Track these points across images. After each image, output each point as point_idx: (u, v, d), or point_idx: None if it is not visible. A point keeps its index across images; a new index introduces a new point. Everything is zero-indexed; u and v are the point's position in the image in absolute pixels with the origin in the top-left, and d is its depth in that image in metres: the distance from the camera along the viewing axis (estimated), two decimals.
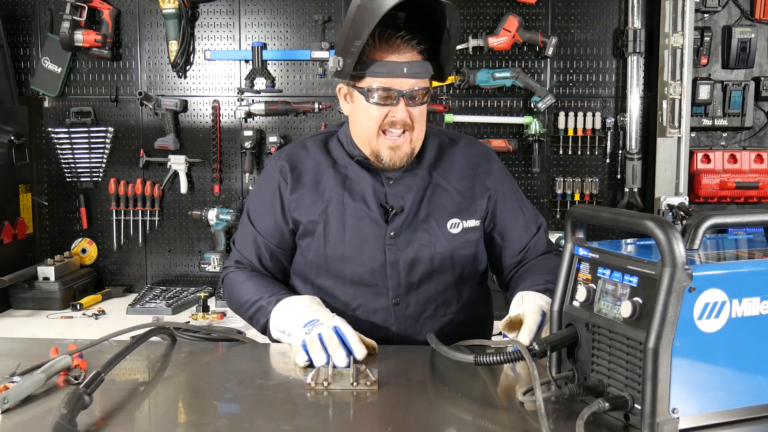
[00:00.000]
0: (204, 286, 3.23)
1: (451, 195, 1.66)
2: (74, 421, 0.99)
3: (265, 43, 3.18)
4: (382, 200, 1.63)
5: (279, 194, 1.67)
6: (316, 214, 1.64)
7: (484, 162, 1.73)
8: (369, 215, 1.62)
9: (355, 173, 1.66)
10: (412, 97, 1.55)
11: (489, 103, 3.20)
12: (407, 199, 1.63)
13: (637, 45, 3.08)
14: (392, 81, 1.54)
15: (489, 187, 1.70)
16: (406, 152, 1.60)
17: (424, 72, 1.57)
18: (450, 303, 1.66)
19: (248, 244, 1.71)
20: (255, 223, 1.71)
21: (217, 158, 3.22)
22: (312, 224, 1.64)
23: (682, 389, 0.95)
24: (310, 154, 1.70)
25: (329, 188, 1.65)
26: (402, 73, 1.53)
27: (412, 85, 1.55)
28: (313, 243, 1.65)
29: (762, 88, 3.15)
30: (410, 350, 1.46)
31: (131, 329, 1.40)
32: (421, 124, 1.60)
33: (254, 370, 1.33)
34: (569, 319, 1.10)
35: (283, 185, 1.67)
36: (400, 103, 1.55)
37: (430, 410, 1.14)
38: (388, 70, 1.53)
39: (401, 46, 1.53)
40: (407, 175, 1.65)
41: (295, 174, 1.67)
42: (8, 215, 3.01)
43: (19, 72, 3.24)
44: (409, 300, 1.63)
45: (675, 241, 0.92)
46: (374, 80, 1.54)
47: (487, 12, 3.16)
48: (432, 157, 1.69)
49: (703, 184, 3.09)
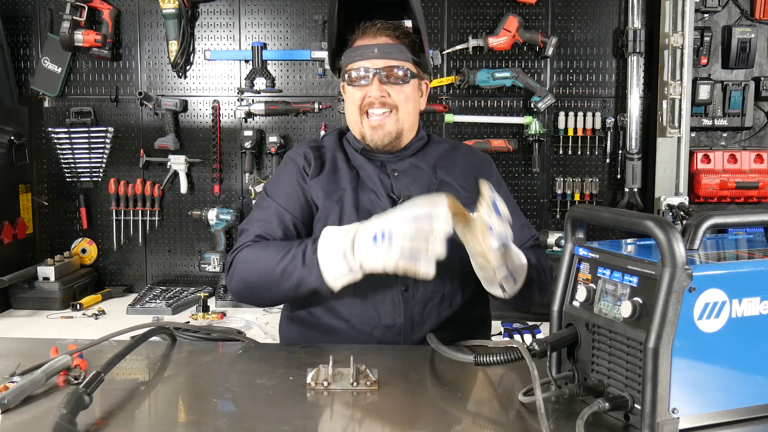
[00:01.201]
0: (204, 286, 3.23)
1: (456, 190, 1.68)
2: (74, 421, 0.99)
3: (265, 43, 3.18)
4: (389, 191, 1.68)
5: (303, 174, 1.70)
6: (333, 201, 1.66)
7: (486, 164, 1.81)
8: (380, 205, 1.65)
9: (364, 166, 1.72)
10: (387, 76, 1.65)
11: (489, 103, 3.20)
12: (414, 190, 1.67)
13: (637, 45, 3.08)
14: (365, 62, 1.66)
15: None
16: (388, 131, 1.67)
17: (397, 53, 1.66)
18: (454, 295, 1.66)
19: (272, 219, 1.65)
20: (278, 199, 1.68)
21: (217, 158, 3.22)
22: (327, 209, 1.66)
23: (682, 389, 0.95)
24: (328, 150, 1.77)
25: (344, 178, 1.70)
26: (373, 53, 1.65)
27: (385, 63, 1.65)
28: None
29: (762, 88, 3.15)
30: (410, 350, 1.46)
31: (131, 329, 1.40)
32: (406, 104, 1.68)
33: (254, 370, 1.33)
34: (569, 319, 1.10)
35: (307, 167, 1.71)
36: (374, 82, 1.65)
37: (430, 410, 1.14)
38: (360, 52, 1.66)
39: (377, 33, 1.67)
40: (412, 169, 1.71)
41: (318, 162, 1.73)
42: (8, 215, 3.00)
43: (19, 72, 3.24)
44: (417, 288, 1.63)
45: (675, 241, 0.92)
46: (350, 64, 1.68)
47: (487, 12, 3.16)
48: (436, 157, 1.76)
49: (703, 184, 3.09)
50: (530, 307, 1.73)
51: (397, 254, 1.32)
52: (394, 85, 1.66)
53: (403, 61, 1.67)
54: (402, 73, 1.66)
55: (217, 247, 3.18)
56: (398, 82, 1.66)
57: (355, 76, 1.66)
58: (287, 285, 1.49)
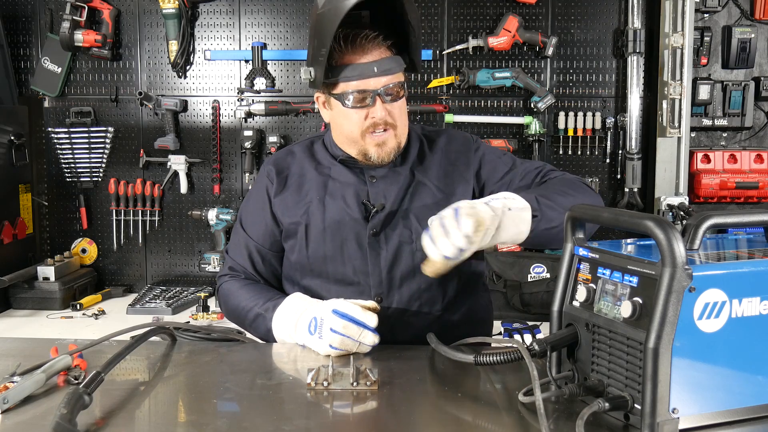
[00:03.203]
0: (204, 286, 3.23)
1: (432, 191, 1.67)
2: (74, 421, 0.99)
3: (265, 43, 3.18)
4: (364, 198, 1.65)
5: (267, 197, 1.71)
6: (298, 216, 1.67)
7: (462, 155, 1.72)
8: (349, 214, 1.64)
9: (338, 173, 1.68)
10: (388, 94, 1.58)
11: (489, 103, 3.20)
12: (389, 196, 1.65)
13: (637, 45, 3.08)
14: (365, 82, 1.56)
15: (468, 179, 1.68)
16: (393, 147, 1.62)
17: (396, 67, 1.60)
18: (434, 301, 1.66)
19: (240, 250, 1.73)
20: (246, 228, 1.74)
21: (217, 158, 3.22)
22: (294, 225, 1.67)
23: (682, 389, 0.95)
24: (296, 159, 1.74)
25: (311, 190, 1.68)
26: (373, 72, 1.55)
27: (386, 82, 1.57)
28: (296, 244, 1.67)
29: (762, 88, 3.15)
30: (410, 350, 1.46)
31: (131, 329, 1.40)
32: (402, 119, 1.63)
33: (254, 370, 1.33)
34: (569, 319, 1.10)
35: (270, 188, 1.71)
36: (377, 103, 1.57)
37: (430, 410, 1.14)
38: (359, 73, 1.55)
39: (368, 46, 1.56)
40: (391, 174, 1.67)
41: (281, 177, 1.71)
42: (8, 215, 3.01)
43: (19, 72, 3.24)
44: (392, 298, 1.63)
45: (675, 241, 0.92)
46: (347, 85, 1.57)
47: (487, 12, 3.16)
48: (414, 156, 1.71)
49: (703, 184, 3.09)
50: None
51: (326, 348, 1.38)
52: (393, 102, 1.59)
53: (399, 74, 1.60)
54: (399, 89, 1.60)
55: (217, 247, 3.18)
56: (397, 99, 1.60)
57: (356, 99, 1.57)
58: (257, 335, 1.62)
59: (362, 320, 1.37)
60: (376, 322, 1.38)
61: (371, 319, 1.38)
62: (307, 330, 1.41)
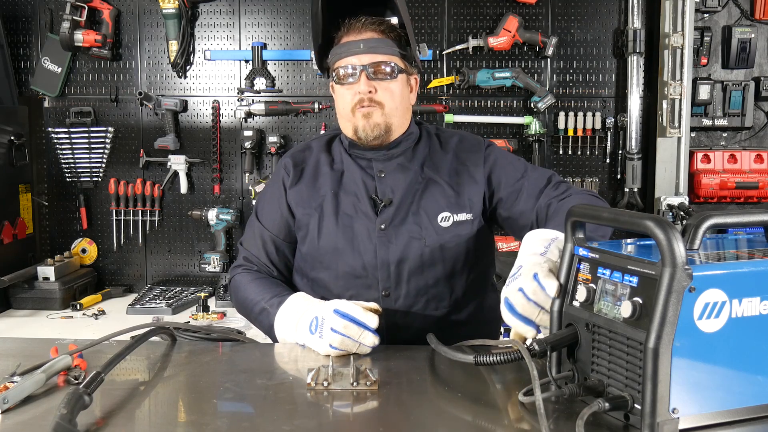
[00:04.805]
0: (204, 286, 3.23)
1: (443, 188, 1.68)
2: (74, 421, 0.99)
3: (265, 43, 3.18)
4: (372, 193, 1.67)
5: (283, 188, 1.74)
6: (312, 208, 1.69)
7: (473, 155, 1.73)
8: (360, 208, 1.66)
9: (349, 168, 1.71)
10: (374, 72, 1.62)
11: (489, 103, 3.20)
12: (397, 192, 1.67)
13: (637, 45, 3.08)
14: (351, 58, 1.63)
15: (477, 180, 1.69)
16: (379, 122, 1.64)
17: (383, 47, 1.63)
18: (441, 298, 1.66)
19: (255, 240, 1.75)
20: (262, 219, 1.76)
21: (217, 158, 3.22)
22: (306, 217, 1.69)
23: (682, 389, 0.95)
24: (313, 153, 1.77)
25: (325, 184, 1.71)
26: (359, 49, 1.62)
27: (371, 60, 1.62)
28: (308, 236, 1.69)
29: (762, 88, 3.15)
30: (410, 350, 1.46)
31: (131, 329, 1.40)
32: (392, 101, 1.65)
33: (254, 370, 1.33)
34: (569, 319, 1.10)
35: (286, 179, 1.74)
36: (362, 78, 1.62)
37: (430, 410, 1.14)
38: (346, 49, 1.64)
39: (362, 29, 1.64)
40: (399, 170, 1.69)
41: (297, 170, 1.74)
42: (8, 215, 3.01)
43: (19, 72, 3.24)
44: (399, 292, 1.64)
45: (675, 241, 0.92)
46: (338, 62, 1.65)
47: (487, 12, 3.17)
48: (425, 153, 1.73)
49: (703, 184, 3.09)
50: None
51: (326, 348, 1.38)
52: (381, 81, 1.63)
53: (390, 56, 1.63)
54: (389, 69, 1.63)
55: (217, 247, 3.18)
56: (386, 77, 1.63)
57: (342, 74, 1.64)
58: (262, 328, 1.62)
59: (363, 321, 1.37)
60: (377, 323, 1.38)
61: (372, 320, 1.38)
62: (308, 329, 1.41)
